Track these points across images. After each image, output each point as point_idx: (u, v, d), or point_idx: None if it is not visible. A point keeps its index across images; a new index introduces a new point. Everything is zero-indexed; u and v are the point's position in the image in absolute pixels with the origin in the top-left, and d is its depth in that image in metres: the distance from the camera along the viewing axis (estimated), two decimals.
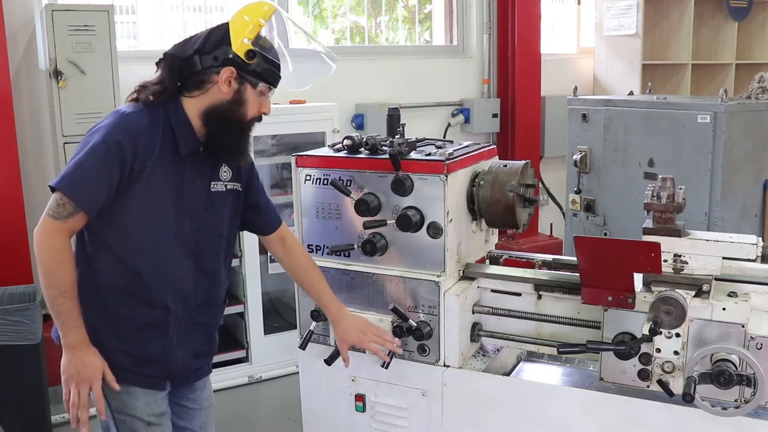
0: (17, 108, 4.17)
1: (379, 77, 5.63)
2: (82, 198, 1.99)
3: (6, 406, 3.52)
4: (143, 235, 2.10)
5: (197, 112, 2.12)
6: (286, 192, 4.53)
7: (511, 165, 2.51)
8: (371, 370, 2.52)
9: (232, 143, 2.17)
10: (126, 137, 2.01)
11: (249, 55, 2.08)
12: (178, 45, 2.14)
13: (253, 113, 2.17)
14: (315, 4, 5.75)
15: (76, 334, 2.03)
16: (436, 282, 2.40)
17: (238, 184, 2.31)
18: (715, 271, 2.07)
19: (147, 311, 2.13)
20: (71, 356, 2.04)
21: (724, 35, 6.65)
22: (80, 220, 2.01)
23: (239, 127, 2.16)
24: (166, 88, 2.10)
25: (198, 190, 2.18)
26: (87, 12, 3.99)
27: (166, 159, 2.08)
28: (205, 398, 2.43)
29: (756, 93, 4.03)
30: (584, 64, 6.70)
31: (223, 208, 2.27)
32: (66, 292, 2.00)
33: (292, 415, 3.91)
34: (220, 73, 2.08)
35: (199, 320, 2.27)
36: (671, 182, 2.13)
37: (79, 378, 2.04)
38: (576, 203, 4.52)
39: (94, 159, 1.99)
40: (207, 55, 2.08)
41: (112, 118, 2.08)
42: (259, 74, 2.12)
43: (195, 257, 2.20)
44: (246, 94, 2.13)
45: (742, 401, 2.01)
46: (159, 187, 2.08)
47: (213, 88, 2.10)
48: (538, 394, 2.35)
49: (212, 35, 2.10)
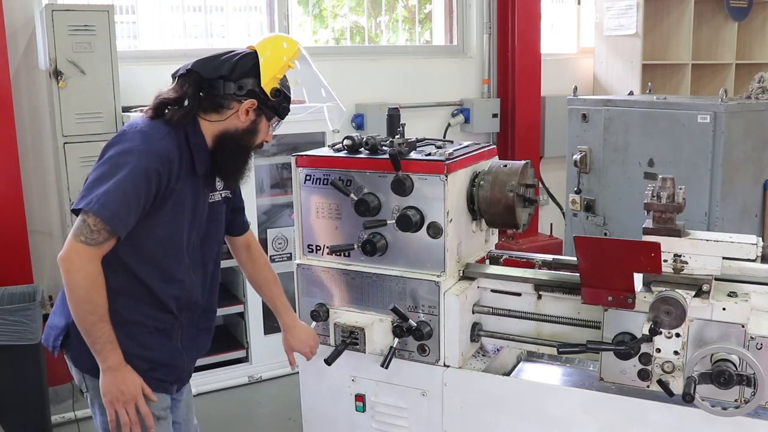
0: (17, 108, 4.17)
1: (379, 77, 5.63)
2: (120, 225, 1.97)
3: (6, 406, 3.52)
4: (157, 251, 2.13)
5: (211, 135, 2.17)
6: (286, 192, 4.53)
7: (511, 165, 2.51)
8: (371, 370, 2.52)
9: (238, 168, 2.24)
10: (163, 165, 2.03)
11: (275, 93, 2.16)
12: (203, 63, 2.15)
13: (260, 141, 2.25)
14: (315, 4, 5.75)
15: (114, 356, 2.05)
16: (436, 282, 2.40)
17: (229, 192, 2.38)
18: (715, 271, 2.07)
19: (157, 316, 2.17)
20: (112, 378, 2.06)
21: (724, 35, 6.65)
22: (112, 243, 2.01)
23: (246, 154, 2.24)
24: (190, 109, 2.12)
25: (203, 203, 2.24)
26: (87, 12, 4.00)
27: (186, 179, 2.13)
28: (186, 389, 2.50)
29: (756, 93, 4.03)
30: (584, 64, 6.71)
31: (221, 216, 2.35)
32: (103, 316, 2.02)
33: (292, 415, 3.91)
34: (242, 102, 2.13)
35: (203, 326, 2.35)
36: (671, 182, 2.13)
37: (125, 398, 2.07)
38: (576, 203, 4.52)
39: (134, 185, 1.97)
40: (232, 83, 2.12)
41: (144, 141, 2.05)
42: (276, 109, 2.21)
43: (201, 267, 2.28)
44: (260, 125, 2.20)
45: (742, 401, 2.01)
46: (179, 207, 2.13)
47: (232, 116, 2.15)
48: (538, 394, 2.35)
49: (240, 63, 2.13)
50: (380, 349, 2.48)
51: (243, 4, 5.22)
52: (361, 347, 2.46)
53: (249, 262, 2.58)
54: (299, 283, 2.63)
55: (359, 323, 2.48)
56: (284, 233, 4.48)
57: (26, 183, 4.24)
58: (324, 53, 5.62)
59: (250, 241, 2.58)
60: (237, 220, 2.50)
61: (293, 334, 2.57)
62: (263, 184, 4.59)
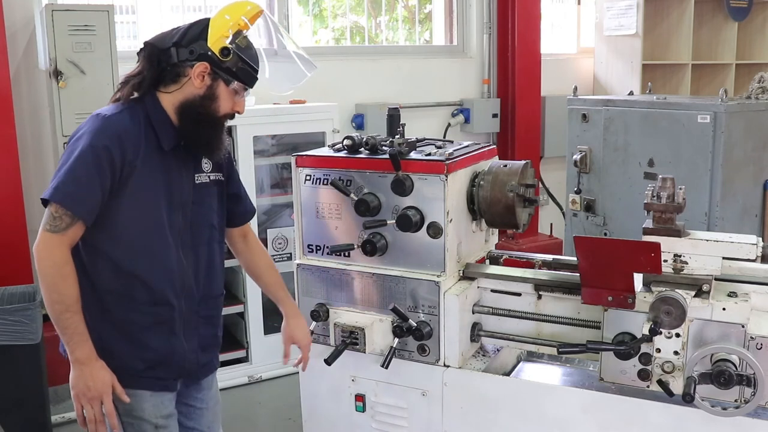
0: (17, 108, 4.16)
1: (379, 77, 5.63)
2: (78, 206, 1.97)
3: (6, 406, 3.52)
4: (137, 235, 2.09)
5: (173, 108, 2.12)
6: (286, 192, 4.53)
7: (511, 165, 2.51)
8: (371, 370, 2.52)
9: (205, 138, 2.17)
10: (112, 141, 2.00)
11: (224, 52, 2.08)
12: (159, 36, 2.14)
13: (225, 110, 2.17)
14: (315, 3, 5.75)
15: (83, 349, 2.02)
16: (436, 282, 2.40)
17: (220, 174, 2.32)
18: (715, 271, 2.07)
19: (151, 310, 2.12)
20: (80, 372, 2.03)
21: (724, 35, 6.65)
22: (78, 229, 2.00)
23: (211, 123, 2.16)
24: (145, 78, 2.10)
25: (185, 183, 2.19)
26: (87, 12, 3.99)
27: (152, 156, 2.09)
28: (212, 397, 2.44)
29: (756, 93, 4.03)
30: (584, 64, 6.70)
31: (210, 199, 2.29)
32: (71, 306, 1.99)
33: (292, 415, 3.91)
34: (194, 67, 2.08)
35: (203, 314, 2.28)
36: (671, 182, 2.13)
37: (90, 394, 2.03)
38: (576, 203, 4.51)
39: (84, 165, 1.97)
40: (184, 48, 2.08)
41: (94, 123, 2.05)
42: (233, 72, 2.12)
43: (192, 250, 2.22)
44: (218, 90, 2.12)
45: (742, 401, 2.01)
46: (148, 185, 2.08)
47: (187, 83, 2.10)
48: (538, 394, 2.35)
49: (191, 29, 2.11)
50: (380, 349, 2.49)
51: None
52: (361, 347, 2.46)
53: (246, 251, 2.52)
54: (299, 283, 2.63)
55: (359, 323, 2.48)
56: (284, 233, 4.48)
57: (26, 183, 4.24)
58: (324, 53, 5.62)
59: (247, 230, 2.52)
60: (238, 209, 2.44)
61: (296, 323, 2.51)
62: (263, 184, 4.59)
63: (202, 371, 2.34)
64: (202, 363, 2.31)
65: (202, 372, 2.34)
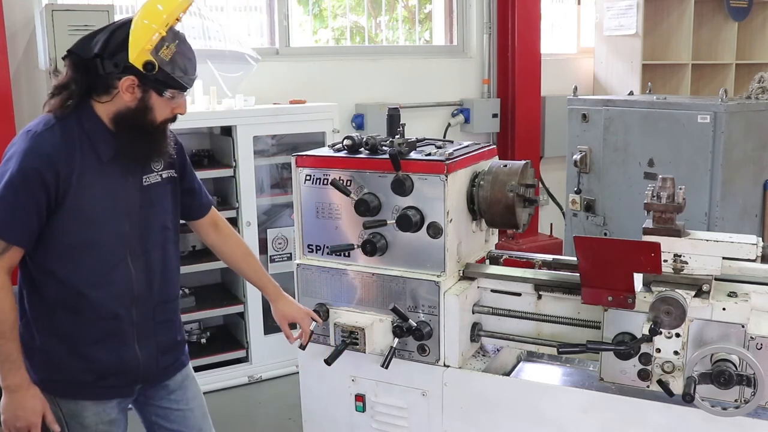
0: (17, 108, 4.17)
1: (379, 77, 5.63)
2: (11, 234, 1.94)
3: None
4: (80, 251, 2.04)
5: (108, 118, 2.02)
6: (286, 192, 4.53)
7: (511, 165, 2.51)
8: (371, 370, 2.52)
9: (144, 149, 2.08)
10: (42, 162, 1.92)
11: (147, 67, 1.93)
12: (81, 42, 1.99)
13: (164, 116, 2.07)
14: (315, 3, 5.75)
15: (14, 377, 1.98)
16: (436, 282, 2.40)
17: (173, 171, 2.23)
18: (715, 271, 2.07)
19: (98, 324, 2.09)
20: (10, 399, 1.99)
21: (724, 35, 6.65)
22: (16, 253, 1.97)
23: (149, 132, 2.05)
24: (73, 92, 1.98)
25: (130, 189, 2.10)
26: (87, 12, 3.99)
27: (90, 168, 2.00)
28: (191, 398, 2.38)
29: (756, 93, 4.03)
30: (584, 64, 6.71)
31: (163, 198, 2.20)
32: (5, 333, 1.95)
33: (292, 415, 3.91)
34: (121, 80, 1.96)
35: (159, 319, 2.23)
36: (671, 182, 2.13)
37: (19, 423, 2.00)
38: (576, 203, 4.52)
39: (13, 191, 1.91)
40: (108, 60, 1.95)
41: (23, 143, 1.96)
42: (163, 82, 1.99)
43: (143, 256, 2.14)
44: (151, 101, 2.01)
45: (742, 401, 2.01)
46: (87, 199, 2.01)
47: (118, 95, 1.99)
48: (538, 394, 2.35)
49: (113, 37, 1.96)
50: (380, 349, 2.48)
51: (243, 4, 5.22)
52: (361, 347, 2.46)
53: (219, 241, 2.46)
54: (299, 283, 2.62)
55: (359, 323, 2.47)
56: (284, 233, 4.48)
57: None
58: (324, 53, 5.62)
59: (216, 219, 2.45)
60: (194, 203, 2.37)
61: (284, 302, 2.49)
62: (263, 184, 4.59)
63: (165, 373, 2.30)
64: (163, 366, 2.27)
65: (165, 374, 2.30)
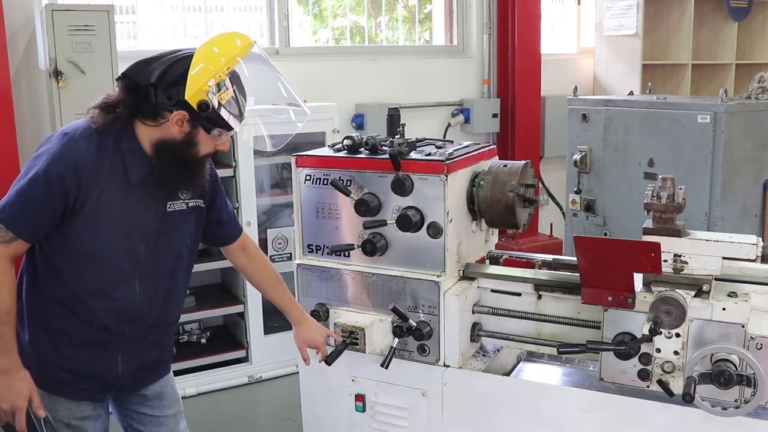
0: (17, 108, 4.16)
1: (379, 77, 5.63)
2: (20, 229, 1.96)
3: None
4: (88, 260, 2.05)
5: (149, 142, 2.04)
6: (286, 192, 4.53)
7: (511, 165, 2.51)
8: (371, 370, 2.52)
9: (181, 179, 2.10)
10: (68, 169, 1.94)
11: (202, 107, 1.95)
12: (137, 67, 2.02)
13: (206, 151, 2.09)
14: (315, 3, 5.75)
15: (5, 360, 1.99)
16: (436, 282, 2.40)
17: (201, 201, 2.24)
18: (715, 271, 2.07)
19: (88, 330, 2.11)
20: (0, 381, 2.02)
21: (724, 35, 6.65)
22: (21, 245, 1.99)
23: (189, 164, 2.08)
24: (121, 114, 2.01)
25: (152, 213, 2.11)
26: (87, 12, 3.99)
27: (115, 186, 2.02)
28: (167, 405, 2.39)
29: (756, 93, 4.03)
30: (584, 64, 6.71)
31: (183, 227, 2.21)
32: (1, 316, 1.97)
33: (292, 415, 3.91)
34: (172, 112, 1.98)
35: (151, 339, 2.24)
36: (671, 182, 2.13)
37: (5, 405, 2.02)
38: (576, 203, 4.52)
39: (34, 190, 1.94)
40: (162, 91, 1.97)
41: (59, 144, 1.99)
42: (213, 121, 2.01)
43: (151, 278, 2.15)
44: (198, 137, 2.03)
45: (742, 401, 2.01)
46: (106, 215, 2.02)
47: (166, 124, 2.00)
48: (538, 394, 2.35)
49: (171, 70, 1.97)
50: (380, 349, 2.48)
51: (243, 4, 5.22)
52: (361, 347, 2.46)
53: (248, 264, 2.49)
54: (299, 283, 2.63)
55: (359, 323, 2.47)
56: (284, 233, 4.48)
57: None
58: (324, 53, 5.62)
59: (246, 243, 2.48)
60: (220, 232, 2.39)
61: (306, 326, 2.49)
62: (263, 184, 4.59)
63: (136, 386, 2.31)
64: (137, 380, 2.28)
65: (135, 387, 2.31)
